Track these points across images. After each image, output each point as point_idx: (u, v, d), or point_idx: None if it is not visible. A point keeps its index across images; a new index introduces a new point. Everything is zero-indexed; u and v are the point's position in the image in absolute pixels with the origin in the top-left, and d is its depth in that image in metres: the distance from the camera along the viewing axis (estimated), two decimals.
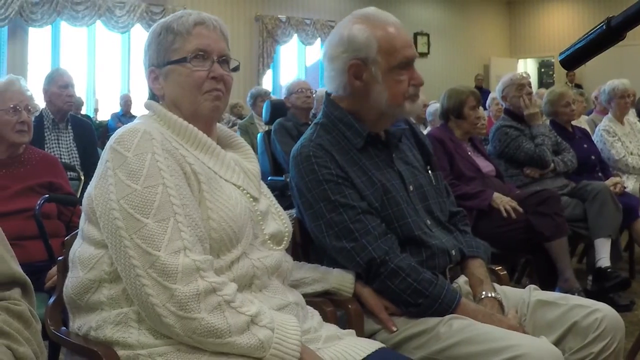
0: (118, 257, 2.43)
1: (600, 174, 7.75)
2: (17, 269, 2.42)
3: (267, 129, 9.00)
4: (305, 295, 2.93)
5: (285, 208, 3.03)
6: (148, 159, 2.55)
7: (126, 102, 17.00)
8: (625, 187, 7.64)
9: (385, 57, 3.22)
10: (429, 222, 3.33)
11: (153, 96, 2.91)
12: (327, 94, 3.47)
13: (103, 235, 2.50)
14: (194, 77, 2.77)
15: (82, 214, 2.73)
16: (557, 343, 2.99)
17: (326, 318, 2.89)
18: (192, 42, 2.78)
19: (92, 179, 2.66)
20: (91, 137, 6.95)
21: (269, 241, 2.79)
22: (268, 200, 2.96)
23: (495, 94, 9.21)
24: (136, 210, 2.44)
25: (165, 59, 2.82)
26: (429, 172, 3.54)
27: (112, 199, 2.47)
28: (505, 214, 6.04)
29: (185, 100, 2.77)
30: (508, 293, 3.39)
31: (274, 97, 12.46)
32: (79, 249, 2.66)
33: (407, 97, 3.25)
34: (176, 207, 2.47)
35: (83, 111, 15.47)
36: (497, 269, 3.71)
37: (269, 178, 7.87)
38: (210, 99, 2.78)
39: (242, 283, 2.58)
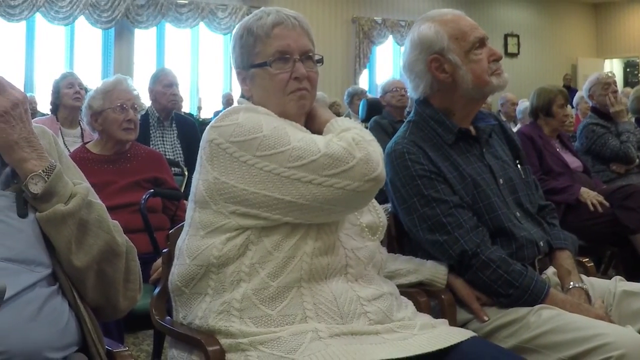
0: (291, 192, 2.50)
1: None
2: (119, 239, 2.49)
3: (363, 126, 8.96)
4: (399, 286, 2.93)
5: (381, 202, 3.03)
6: (258, 116, 2.65)
7: (228, 101, 17.10)
8: None
9: (458, 42, 3.26)
10: (518, 214, 3.33)
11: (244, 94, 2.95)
12: (421, 96, 3.46)
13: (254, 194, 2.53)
14: (277, 81, 2.77)
15: (190, 204, 2.76)
16: None
17: (420, 308, 2.89)
18: (272, 44, 2.78)
19: (198, 169, 2.71)
20: (195, 134, 6.97)
21: (366, 229, 2.81)
22: None
23: (582, 92, 9.13)
24: (275, 148, 2.53)
25: (248, 62, 2.83)
26: (518, 166, 3.55)
27: (247, 159, 2.54)
28: (592, 208, 6.03)
29: (271, 102, 2.77)
30: (595, 284, 3.38)
31: (370, 95, 12.45)
32: (187, 238, 2.69)
33: (490, 73, 3.27)
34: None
35: (186, 109, 15.62)
36: (584, 260, 3.71)
37: None
38: (295, 99, 2.78)
39: (336, 269, 2.61)
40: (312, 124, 2.85)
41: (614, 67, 26.97)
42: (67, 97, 7.12)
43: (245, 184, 2.53)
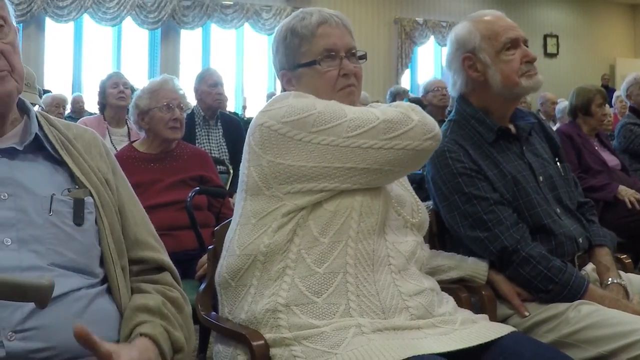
0: (352, 159, 2.56)
1: None
2: (166, 258, 2.51)
3: None
4: (441, 282, 2.94)
5: (423, 200, 3.04)
6: (308, 97, 2.69)
7: None
8: None
9: (489, 42, 3.30)
10: (558, 210, 3.33)
11: None
12: (459, 94, 3.49)
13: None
14: (326, 78, 2.80)
15: (239, 195, 2.78)
16: None
17: (461, 303, 2.89)
18: (319, 43, 2.81)
19: (246, 157, 2.74)
20: (239, 132, 6.97)
21: (408, 223, 2.83)
22: (408, 192, 2.98)
23: (620, 92, 9.09)
24: (331, 121, 2.58)
25: (295, 62, 2.86)
26: (558, 163, 3.54)
27: (302, 137, 2.58)
28: (629, 206, 6.07)
29: (321, 99, 2.77)
30: (633, 280, 3.39)
31: (411, 95, 12.44)
32: (238, 228, 2.71)
33: (521, 75, 3.28)
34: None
35: (231, 108, 15.66)
36: (622, 257, 3.69)
37: None
38: (345, 95, 2.82)
39: (379, 257, 2.62)
40: None
41: None
42: (111, 96, 7.17)
43: (303, 161, 2.56)
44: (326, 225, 2.58)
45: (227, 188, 5.23)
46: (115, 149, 5.54)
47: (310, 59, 2.81)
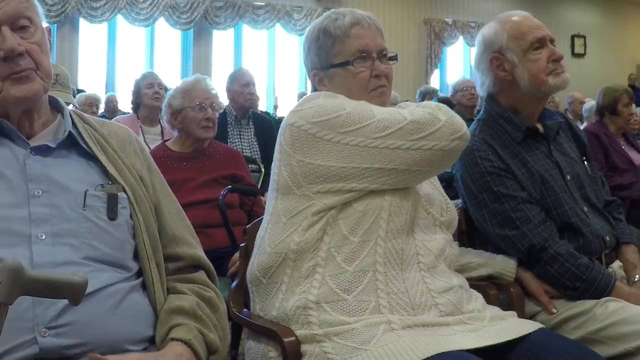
0: (379, 159, 2.58)
1: None
2: (202, 254, 2.51)
3: None
4: (470, 279, 2.95)
5: (452, 198, 3.05)
6: (338, 98, 2.71)
7: None
8: None
9: (516, 42, 3.31)
10: (585, 208, 3.33)
11: None
12: (488, 93, 3.49)
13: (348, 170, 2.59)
14: (359, 79, 2.81)
15: (271, 194, 2.79)
16: None
17: (489, 300, 2.89)
18: (352, 44, 2.82)
19: (277, 156, 2.75)
20: (271, 132, 6.96)
21: (437, 221, 2.84)
22: (437, 190, 2.99)
23: None
24: (359, 122, 2.59)
25: (327, 62, 2.86)
26: (585, 162, 3.54)
27: (331, 137, 2.60)
28: None
29: (353, 99, 2.77)
30: None
31: (441, 94, 12.45)
32: (269, 227, 2.73)
33: (548, 73, 3.29)
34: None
35: (263, 108, 15.68)
36: None
37: None
38: (376, 95, 2.83)
39: (408, 255, 2.63)
40: None
41: None
42: (146, 96, 7.18)
43: (332, 161, 2.58)
44: (356, 224, 2.59)
45: (259, 186, 5.25)
46: (149, 147, 5.56)
47: (343, 60, 2.82)
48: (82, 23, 16.68)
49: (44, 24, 2.35)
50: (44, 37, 2.31)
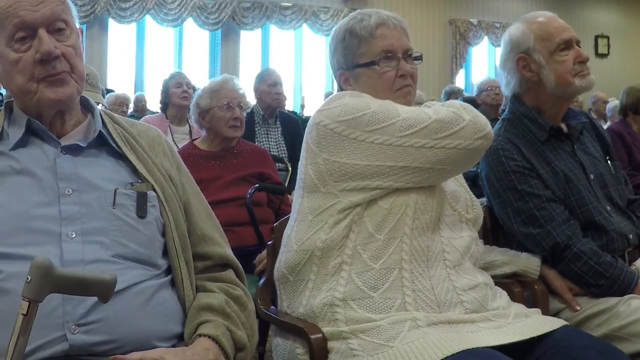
0: (404, 158, 2.58)
1: None
2: (230, 253, 2.51)
3: None
4: (494, 277, 2.95)
5: (477, 197, 3.06)
6: (364, 97, 2.71)
7: None
8: None
9: (543, 43, 3.32)
10: (608, 207, 3.33)
11: None
12: (513, 93, 3.49)
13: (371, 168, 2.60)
14: (385, 78, 2.82)
15: (297, 192, 2.81)
16: None
17: (514, 298, 2.90)
18: (378, 44, 2.83)
19: (303, 155, 2.77)
20: (298, 131, 6.99)
21: (468, 219, 2.85)
22: (463, 187, 3.00)
23: None
24: (384, 121, 2.59)
25: (353, 62, 2.87)
26: (608, 162, 3.54)
27: (357, 135, 2.60)
28: None
29: (379, 99, 2.79)
30: None
31: (466, 94, 12.43)
32: (295, 225, 2.74)
33: (574, 75, 3.29)
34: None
35: (290, 107, 15.68)
36: None
37: None
38: (402, 95, 2.84)
39: (434, 253, 2.63)
40: None
41: None
42: (175, 96, 7.21)
43: (357, 159, 2.59)
44: (381, 222, 2.60)
45: (286, 185, 5.26)
46: (177, 146, 5.59)
47: (368, 60, 2.83)
48: (111, 23, 16.73)
49: (77, 26, 2.37)
50: (78, 40, 2.33)
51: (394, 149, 2.56)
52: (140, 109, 12.66)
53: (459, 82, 20.24)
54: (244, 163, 4.78)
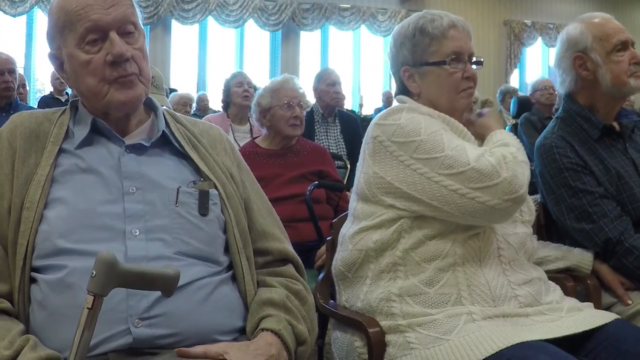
0: (438, 198, 2.56)
1: None
2: (290, 248, 2.52)
3: (514, 122, 9.08)
4: (548, 272, 2.95)
5: (530, 193, 3.05)
6: (419, 117, 2.69)
7: (387, 99, 16.98)
8: None
9: (601, 43, 3.30)
10: None
11: (403, 91, 2.98)
12: (567, 92, 3.48)
13: (409, 194, 2.61)
14: (453, 79, 2.83)
15: (353, 196, 2.84)
16: None
17: (567, 292, 2.89)
18: (449, 45, 2.83)
19: (361, 162, 2.79)
20: (356, 129, 7.01)
21: (524, 216, 2.86)
22: None
23: None
24: (430, 152, 2.58)
25: (421, 59, 2.87)
26: None
27: (405, 159, 2.62)
28: None
29: (442, 99, 2.84)
30: None
31: (520, 94, 12.38)
32: (350, 226, 2.77)
33: (630, 75, 3.28)
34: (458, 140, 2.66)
35: (348, 106, 15.69)
36: None
37: None
38: (465, 96, 2.86)
39: (488, 252, 2.65)
40: (475, 127, 2.92)
41: None
42: (236, 95, 7.20)
43: (399, 183, 2.61)
44: (430, 230, 2.62)
45: (345, 182, 5.27)
46: (238, 145, 5.61)
47: (439, 59, 2.84)
48: (174, 24, 16.89)
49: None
50: (144, 43, 2.36)
51: (431, 184, 2.56)
52: (203, 108, 12.75)
53: (513, 81, 20.20)
54: (304, 161, 4.80)
